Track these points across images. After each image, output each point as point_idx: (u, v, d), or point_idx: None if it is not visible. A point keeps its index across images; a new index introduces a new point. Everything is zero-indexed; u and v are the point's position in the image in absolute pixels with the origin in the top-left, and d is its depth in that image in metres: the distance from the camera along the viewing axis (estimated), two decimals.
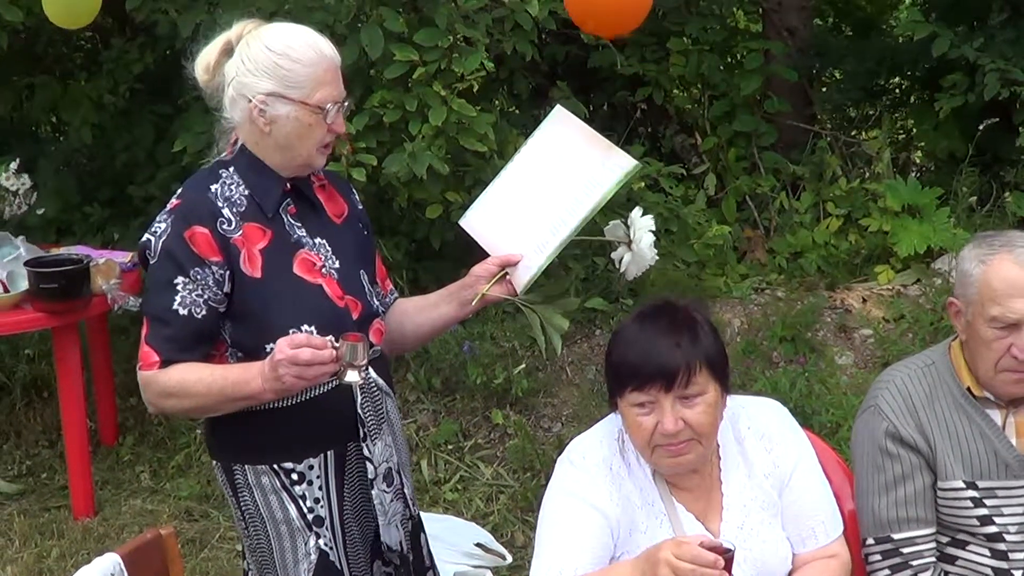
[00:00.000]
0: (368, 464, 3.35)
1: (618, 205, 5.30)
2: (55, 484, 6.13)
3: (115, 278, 5.70)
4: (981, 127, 6.97)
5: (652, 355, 2.92)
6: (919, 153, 8.29)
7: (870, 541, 3.29)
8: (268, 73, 3.15)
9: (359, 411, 3.29)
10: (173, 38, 6.29)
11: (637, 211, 3.36)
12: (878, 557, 3.27)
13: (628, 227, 3.40)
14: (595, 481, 3.04)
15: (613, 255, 3.44)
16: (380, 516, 3.39)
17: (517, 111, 7.37)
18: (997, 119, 7.04)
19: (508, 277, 3.38)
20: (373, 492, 3.36)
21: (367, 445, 3.32)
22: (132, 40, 7.57)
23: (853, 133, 8.04)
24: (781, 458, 3.14)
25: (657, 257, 3.44)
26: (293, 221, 3.28)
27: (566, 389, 6.00)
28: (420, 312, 3.56)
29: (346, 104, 3.26)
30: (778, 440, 3.16)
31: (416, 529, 3.60)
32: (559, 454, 3.17)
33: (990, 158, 7.44)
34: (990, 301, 3.13)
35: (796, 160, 7.31)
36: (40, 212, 6.64)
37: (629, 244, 3.36)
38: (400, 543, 3.46)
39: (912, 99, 8.66)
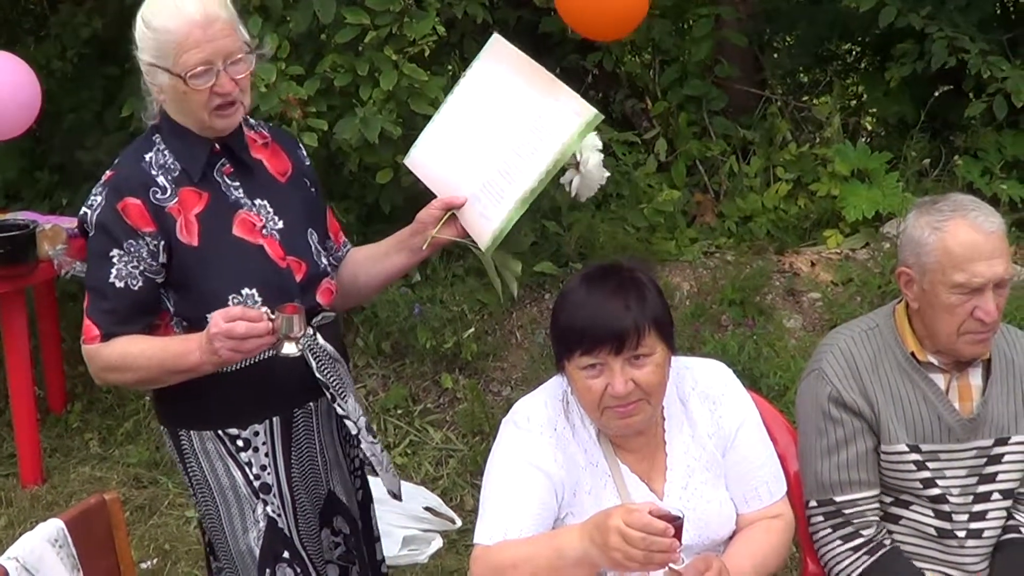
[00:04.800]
0: (347, 422, 3.36)
1: None
2: (2, 452, 6.12)
3: (61, 243, 5.66)
4: (936, 95, 7.00)
5: (601, 318, 2.91)
6: (870, 119, 8.31)
7: (813, 503, 3.31)
8: (142, 44, 3.13)
9: (319, 375, 3.29)
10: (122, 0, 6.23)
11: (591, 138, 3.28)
12: (820, 518, 3.30)
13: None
14: (539, 442, 3.04)
15: (562, 179, 3.35)
16: (377, 466, 3.43)
17: None
18: (950, 86, 7.07)
19: (458, 220, 3.34)
20: (363, 446, 3.39)
21: (339, 405, 3.33)
22: (80, 4, 7.49)
23: (804, 99, 8.05)
24: (725, 418, 3.15)
25: (607, 175, 3.38)
26: (230, 182, 3.25)
27: (515, 353, 6.00)
28: (372, 262, 3.53)
29: (240, 60, 3.14)
30: (722, 401, 3.17)
31: (366, 499, 3.61)
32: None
33: (940, 124, 7.48)
34: (952, 268, 3.12)
35: (746, 125, 7.32)
36: None
37: (577, 166, 3.28)
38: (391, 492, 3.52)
39: (863, 65, 8.68)
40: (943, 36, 6.78)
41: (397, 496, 3.59)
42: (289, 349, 3.06)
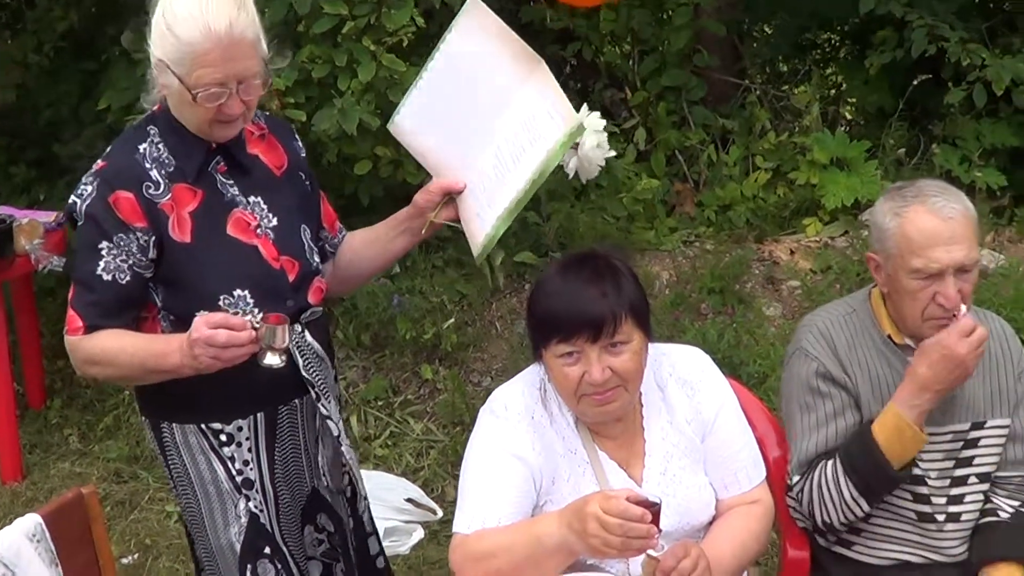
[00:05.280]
0: (329, 423, 3.34)
1: None
2: None
3: (38, 238, 5.63)
4: (915, 83, 7.00)
5: (578, 306, 2.91)
6: (849, 108, 8.30)
7: (795, 478, 3.32)
8: (159, 42, 3.05)
9: (304, 373, 3.27)
10: None
11: (584, 110, 3.25)
12: (800, 485, 3.30)
13: None
14: (517, 431, 3.04)
15: (561, 160, 3.28)
16: (355, 469, 3.44)
17: None
18: (929, 75, 7.07)
19: (455, 203, 3.35)
20: (343, 449, 3.37)
21: (323, 404, 3.32)
22: None
23: (784, 88, 8.04)
24: (703, 404, 3.16)
25: (610, 154, 3.36)
26: (225, 179, 3.22)
27: (495, 343, 6.00)
28: (371, 247, 3.52)
29: (256, 83, 3.09)
30: (700, 386, 3.18)
31: (355, 495, 3.59)
32: None
33: (919, 112, 7.47)
34: (910, 253, 3.14)
35: (725, 114, 7.31)
36: None
37: (576, 147, 3.25)
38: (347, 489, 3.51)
39: (843, 54, 8.68)
40: (923, 24, 6.78)
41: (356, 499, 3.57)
42: (272, 360, 3.02)
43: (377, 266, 3.60)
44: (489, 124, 3.27)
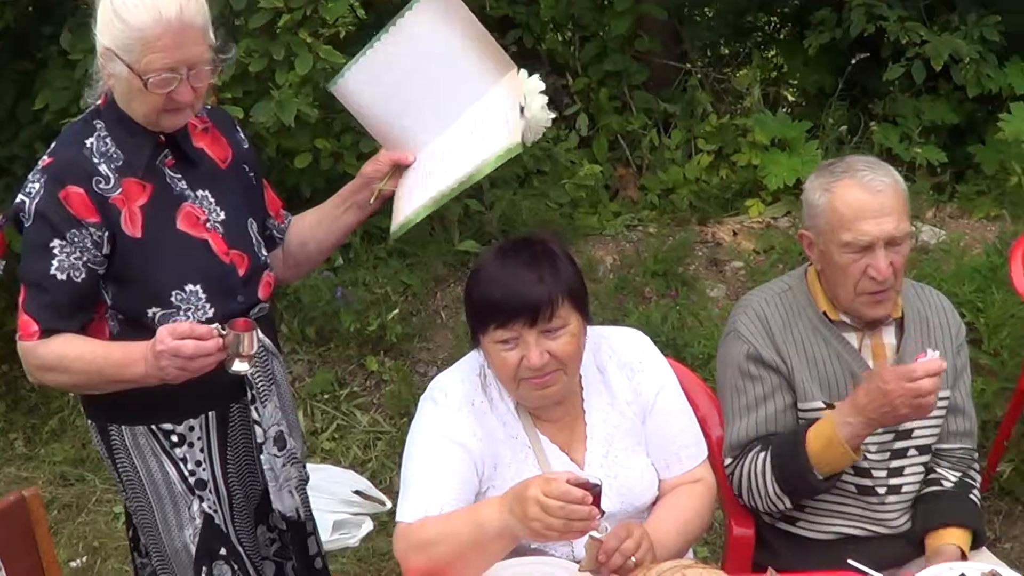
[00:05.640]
0: (256, 428, 3.29)
1: None
2: None
3: None
4: (854, 62, 7.04)
5: (515, 291, 2.90)
6: (790, 89, 8.32)
7: (728, 460, 3.33)
8: (107, 30, 3.01)
9: (247, 374, 3.21)
10: None
11: (523, 73, 3.25)
12: (731, 468, 3.32)
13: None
14: (457, 418, 3.03)
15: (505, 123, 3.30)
16: (271, 482, 3.34)
17: None
18: (868, 54, 7.10)
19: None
20: (263, 457, 3.31)
21: (256, 408, 3.27)
22: None
23: (725, 70, 8.06)
24: (643, 385, 3.15)
25: (553, 116, 3.31)
26: (173, 173, 3.18)
27: (440, 333, 5.99)
28: (320, 226, 3.50)
29: (205, 69, 3.05)
30: (639, 368, 3.17)
31: (306, 494, 3.56)
32: None
33: (859, 91, 7.52)
34: (840, 228, 3.16)
35: (667, 98, 7.33)
36: None
37: (522, 110, 3.20)
38: (296, 509, 3.42)
39: (782, 35, 8.71)
40: (861, 3, 6.82)
41: (299, 520, 3.52)
42: (240, 367, 2.99)
43: (328, 245, 3.56)
44: (452, 110, 3.28)
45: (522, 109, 3.21)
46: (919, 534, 3.31)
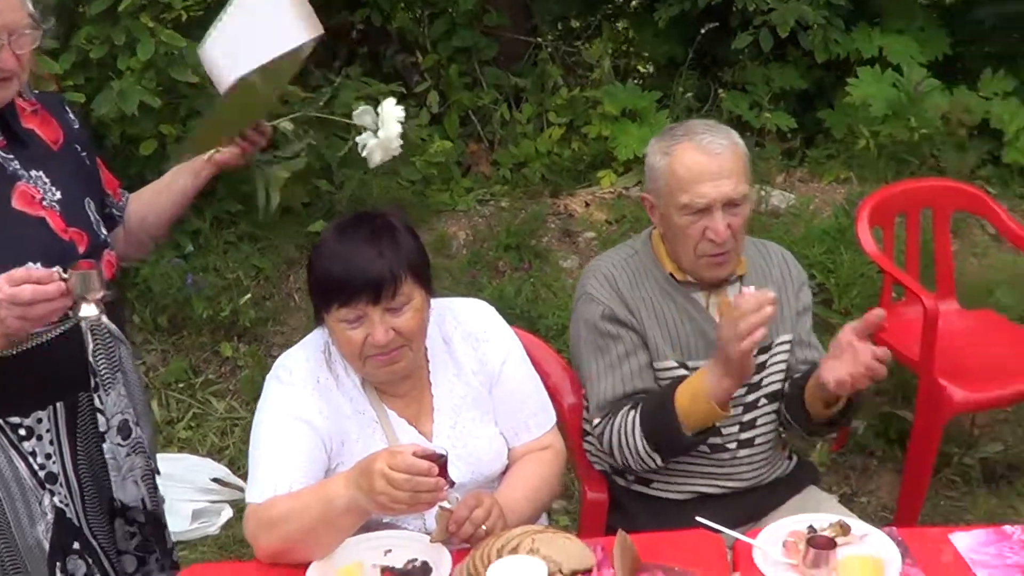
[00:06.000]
0: (99, 416, 3.20)
1: None
2: None
3: None
4: (703, 32, 7.09)
5: (357, 269, 2.87)
6: (642, 61, 8.35)
7: (596, 421, 3.31)
8: None
9: (90, 359, 3.13)
10: None
11: (390, 101, 3.30)
12: (601, 428, 3.30)
13: (377, 115, 3.34)
14: (302, 395, 3.00)
15: (358, 139, 3.37)
16: (113, 471, 3.24)
17: None
18: (717, 24, 7.15)
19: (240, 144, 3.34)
20: (105, 446, 3.21)
21: (99, 395, 3.18)
22: None
23: (577, 43, 8.06)
24: (489, 355, 3.14)
25: (402, 144, 3.37)
26: (5, 154, 3.08)
27: (295, 315, 5.92)
28: (158, 197, 3.44)
29: (26, 35, 2.98)
30: (484, 337, 3.16)
31: (155, 485, 3.47)
32: None
33: (709, 61, 7.57)
34: (679, 190, 3.18)
35: (518, 73, 7.32)
36: None
37: (376, 132, 3.29)
38: (142, 500, 3.33)
39: (632, 7, 8.74)
40: None
41: (146, 509, 3.43)
42: (88, 311, 2.85)
43: (167, 216, 3.48)
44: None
45: (377, 131, 3.27)
46: (800, 408, 3.31)
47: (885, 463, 5.15)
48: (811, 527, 2.92)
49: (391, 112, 3.29)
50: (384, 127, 3.29)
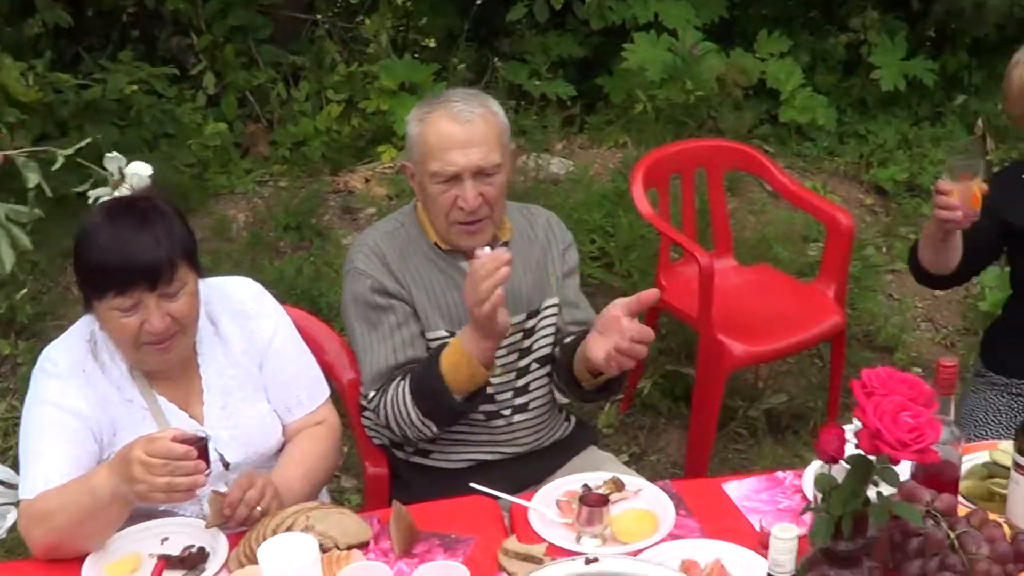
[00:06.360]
0: None
1: None
2: None
3: None
4: (478, 2, 7.10)
5: (132, 256, 2.80)
6: (420, 35, 8.32)
7: (371, 394, 3.30)
8: None
9: None
10: None
11: (143, 165, 3.17)
12: (377, 400, 3.29)
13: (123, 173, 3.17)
14: (68, 386, 2.94)
15: (91, 193, 3.15)
16: None
17: None
18: None
19: None
20: None
21: None
22: None
23: (358, 19, 7.99)
24: (256, 332, 3.12)
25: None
26: None
27: (73, 308, 5.74)
28: None
29: None
30: (252, 314, 3.14)
31: None
32: None
33: (488, 32, 7.58)
34: (430, 158, 3.20)
35: (295, 51, 7.24)
36: None
37: (117, 185, 3.13)
38: None
39: None
40: None
41: None
42: None
43: None
44: None
45: (118, 184, 3.13)
46: (570, 375, 3.34)
47: (673, 420, 5.23)
48: (585, 486, 2.96)
49: (141, 170, 3.16)
50: (127, 183, 3.14)
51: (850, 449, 2.38)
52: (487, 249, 3.06)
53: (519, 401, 3.39)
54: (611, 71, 7.20)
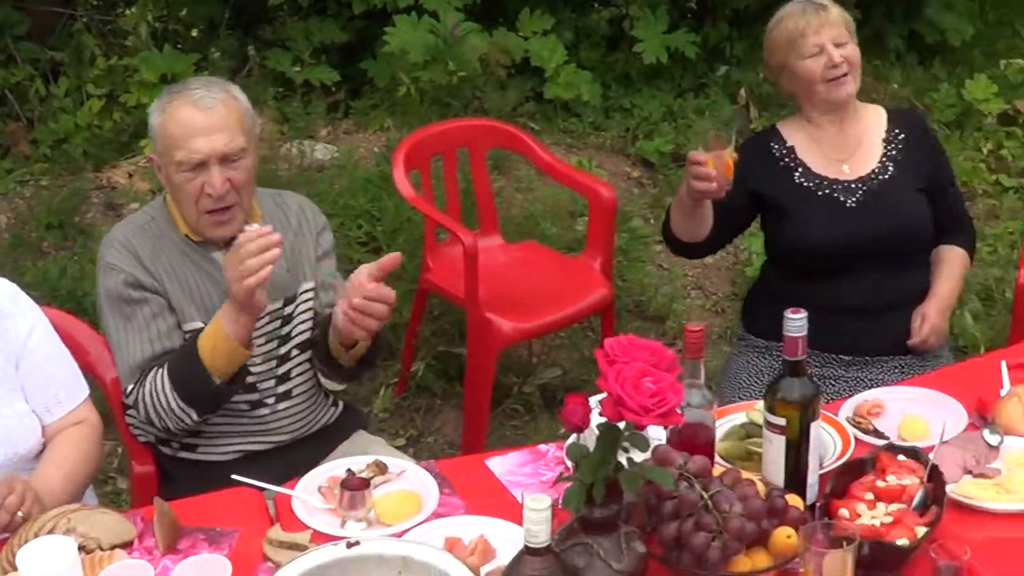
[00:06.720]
0: None
1: None
2: None
3: None
4: None
5: None
6: (183, 26, 8.20)
7: (129, 387, 3.27)
8: None
9: None
10: None
11: None
12: (135, 395, 3.26)
13: None
14: None
15: None
16: None
17: None
18: None
19: None
20: None
21: None
22: None
23: (120, 11, 7.84)
24: (11, 331, 3.07)
25: None
26: None
27: None
28: None
29: None
30: (7, 314, 3.08)
31: None
32: None
33: (250, 19, 7.52)
34: (174, 147, 3.19)
35: (53, 46, 7.08)
36: None
37: None
38: None
39: None
40: None
41: None
42: None
43: None
44: None
45: None
46: (326, 353, 3.38)
47: (448, 401, 5.27)
48: (349, 470, 2.98)
49: None
50: None
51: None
52: (256, 225, 3.08)
53: (282, 389, 3.40)
54: (375, 55, 7.20)
